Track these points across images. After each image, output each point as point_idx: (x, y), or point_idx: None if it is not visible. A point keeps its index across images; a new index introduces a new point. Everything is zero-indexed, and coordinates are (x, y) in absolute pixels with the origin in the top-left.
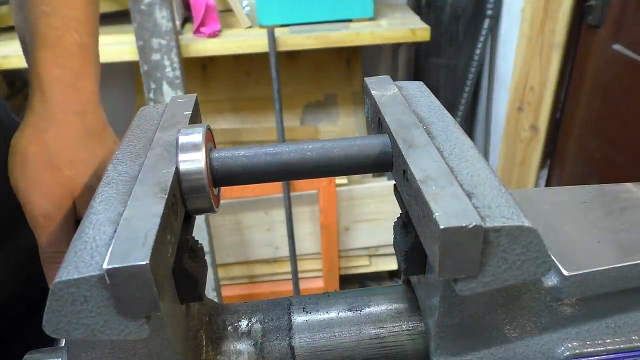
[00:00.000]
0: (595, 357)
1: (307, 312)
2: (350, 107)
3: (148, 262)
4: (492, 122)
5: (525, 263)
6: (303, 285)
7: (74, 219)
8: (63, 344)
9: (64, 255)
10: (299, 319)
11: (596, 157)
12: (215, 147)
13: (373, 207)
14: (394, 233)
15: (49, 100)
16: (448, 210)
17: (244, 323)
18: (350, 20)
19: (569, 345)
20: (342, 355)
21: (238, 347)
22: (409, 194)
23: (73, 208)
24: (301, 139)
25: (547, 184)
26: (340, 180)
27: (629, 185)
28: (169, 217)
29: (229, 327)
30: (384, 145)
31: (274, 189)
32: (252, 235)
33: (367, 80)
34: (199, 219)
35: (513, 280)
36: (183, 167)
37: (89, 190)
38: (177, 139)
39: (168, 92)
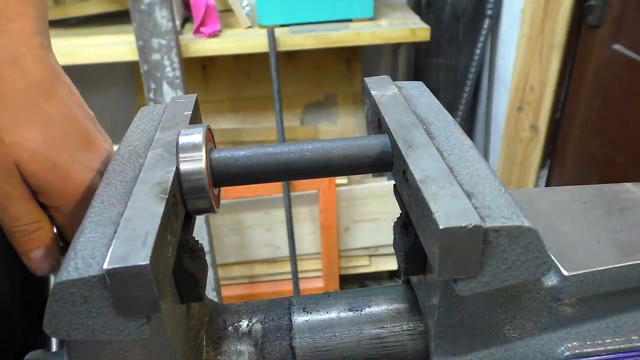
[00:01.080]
0: (595, 357)
1: (307, 312)
2: (350, 107)
3: (148, 262)
4: (492, 122)
5: (525, 263)
6: (303, 285)
7: (27, 189)
8: (55, 345)
9: (28, 227)
10: (299, 319)
11: (596, 157)
12: (215, 147)
13: (373, 207)
14: (393, 233)
15: None
16: (448, 210)
17: (244, 323)
18: (350, 20)
19: (569, 345)
20: (343, 356)
21: (238, 347)
22: (408, 194)
23: (21, 178)
24: (301, 139)
25: (547, 184)
26: (340, 180)
27: (629, 185)
28: (169, 217)
29: (230, 327)
30: (383, 145)
31: (274, 189)
32: (252, 235)
33: (367, 80)
34: (199, 219)
35: (513, 280)
36: (183, 167)
37: (39, 158)
38: (177, 139)
39: (168, 92)
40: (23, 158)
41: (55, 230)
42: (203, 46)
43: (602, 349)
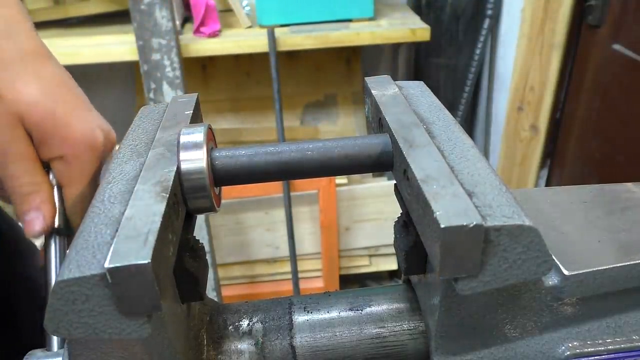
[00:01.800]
0: (596, 357)
1: (308, 312)
2: (350, 107)
3: (149, 261)
4: (492, 122)
5: (526, 262)
6: (303, 285)
7: (30, 147)
8: (55, 343)
9: (26, 188)
10: (300, 318)
11: (596, 157)
12: (216, 147)
13: (373, 207)
14: (394, 233)
15: None
16: (449, 209)
17: (245, 323)
18: (350, 20)
19: (570, 345)
20: (343, 355)
21: (239, 346)
22: (409, 193)
23: (26, 134)
24: (301, 139)
25: (547, 184)
26: (340, 180)
27: (629, 185)
28: (170, 216)
29: (230, 327)
30: (384, 144)
31: (274, 189)
32: (252, 235)
33: (368, 80)
34: (199, 219)
35: (514, 279)
36: (184, 166)
37: (39, 108)
38: (178, 138)
39: (168, 92)
40: (24, 111)
41: (57, 206)
42: (203, 46)
43: (602, 348)
